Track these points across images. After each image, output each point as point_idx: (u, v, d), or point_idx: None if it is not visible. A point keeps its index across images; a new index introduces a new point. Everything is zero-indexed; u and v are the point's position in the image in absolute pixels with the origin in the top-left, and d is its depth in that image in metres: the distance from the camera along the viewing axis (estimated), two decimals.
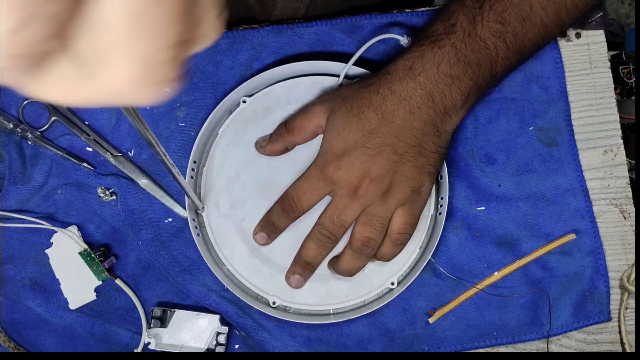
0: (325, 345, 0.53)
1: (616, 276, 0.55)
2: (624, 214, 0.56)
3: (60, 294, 0.53)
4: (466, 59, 0.48)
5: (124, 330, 0.53)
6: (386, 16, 0.57)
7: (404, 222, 0.49)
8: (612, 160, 0.56)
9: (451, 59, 0.47)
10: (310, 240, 0.50)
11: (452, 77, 0.47)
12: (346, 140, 0.48)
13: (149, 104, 0.19)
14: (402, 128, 0.47)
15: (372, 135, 0.47)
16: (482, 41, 0.48)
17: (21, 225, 0.53)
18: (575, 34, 0.58)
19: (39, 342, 0.52)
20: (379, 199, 0.48)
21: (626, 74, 0.59)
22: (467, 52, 0.48)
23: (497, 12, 0.48)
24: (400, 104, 0.47)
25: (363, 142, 0.48)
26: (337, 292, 0.52)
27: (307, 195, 0.49)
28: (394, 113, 0.47)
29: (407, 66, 0.48)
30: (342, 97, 0.50)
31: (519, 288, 0.54)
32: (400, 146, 0.48)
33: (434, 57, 0.47)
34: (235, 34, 0.56)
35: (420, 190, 0.49)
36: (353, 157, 0.48)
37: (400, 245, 0.50)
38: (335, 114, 0.49)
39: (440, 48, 0.48)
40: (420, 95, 0.47)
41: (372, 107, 0.48)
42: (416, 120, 0.48)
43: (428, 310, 0.53)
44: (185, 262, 0.53)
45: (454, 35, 0.48)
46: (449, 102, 0.48)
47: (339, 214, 0.48)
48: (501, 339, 0.53)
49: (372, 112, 0.48)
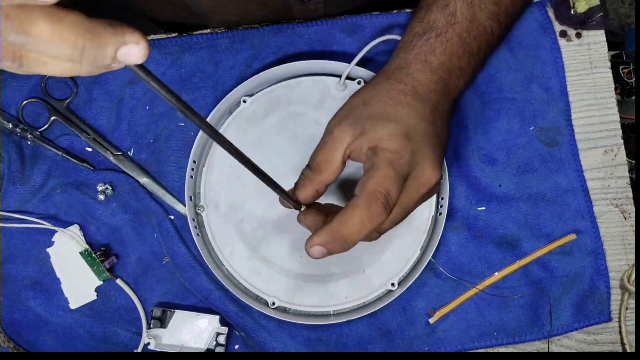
0: (326, 345, 0.53)
1: (616, 276, 0.55)
2: (624, 214, 0.56)
3: (60, 294, 0.53)
4: (470, 48, 0.48)
5: (123, 330, 0.53)
6: (386, 16, 0.57)
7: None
8: (613, 160, 0.56)
9: (459, 51, 0.47)
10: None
11: (460, 69, 0.48)
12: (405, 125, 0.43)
13: None
14: (440, 116, 0.46)
15: (424, 121, 0.44)
16: (482, 26, 0.48)
17: (22, 225, 0.53)
18: (575, 34, 0.58)
19: (38, 342, 0.52)
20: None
21: (626, 74, 0.59)
22: (471, 40, 0.48)
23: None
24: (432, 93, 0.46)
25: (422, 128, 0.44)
26: (337, 293, 0.52)
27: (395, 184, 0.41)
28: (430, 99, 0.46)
29: (420, 60, 0.47)
30: (361, 104, 0.46)
31: (520, 288, 0.54)
32: (441, 133, 0.46)
33: (445, 51, 0.47)
34: (235, 33, 0.56)
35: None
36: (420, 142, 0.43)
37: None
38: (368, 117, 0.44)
39: (448, 40, 0.47)
40: (441, 87, 0.47)
41: (407, 94, 0.45)
42: (443, 112, 0.47)
43: (428, 311, 0.53)
44: (185, 262, 0.53)
45: (457, 25, 0.47)
46: (457, 93, 0.48)
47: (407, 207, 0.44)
48: (501, 339, 0.53)
49: (410, 99, 0.45)
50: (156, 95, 0.55)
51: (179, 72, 0.55)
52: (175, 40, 0.56)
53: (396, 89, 0.45)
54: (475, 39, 0.48)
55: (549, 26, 0.57)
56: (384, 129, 0.43)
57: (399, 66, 0.47)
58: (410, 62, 0.47)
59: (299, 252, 0.52)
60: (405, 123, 0.43)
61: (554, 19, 0.58)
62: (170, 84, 0.55)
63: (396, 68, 0.47)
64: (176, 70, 0.55)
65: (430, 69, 0.46)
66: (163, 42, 0.56)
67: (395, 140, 0.42)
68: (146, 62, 0.57)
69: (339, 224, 0.40)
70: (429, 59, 0.47)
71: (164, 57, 0.56)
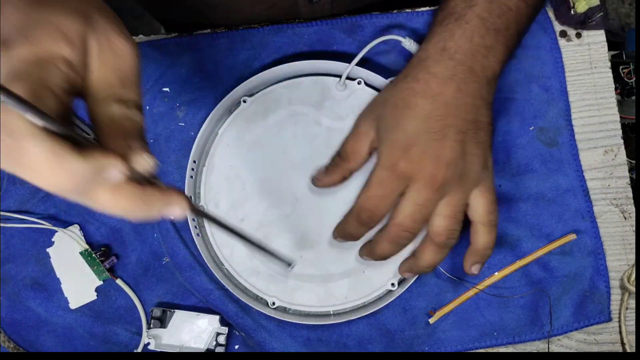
0: (326, 345, 0.53)
1: (616, 276, 0.55)
2: (624, 214, 0.56)
3: (60, 294, 0.53)
4: (495, 26, 0.47)
5: (123, 330, 0.53)
6: (386, 16, 0.57)
7: (490, 202, 0.46)
8: (613, 160, 0.56)
9: (481, 30, 0.46)
10: (387, 242, 0.47)
11: (486, 48, 0.47)
12: (406, 131, 0.45)
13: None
14: (457, 106, 0.45)
15: (430, 119, 0.45)
16: (505, 5, 0.47)
17: (22, 225, 0.53)
18: (575, 34, 0.58)
19: (38, 342, 0.52)
20: (457, 184, 0.45)
21: (626, 74, 0.59)
22: (494, 19, 0.47)
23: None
24: (446, 84, 0.46)
25: (425, 128, 0.45)
26: (337, 293, 0.52)
27: (385, 201, 0.46)
28: (443, 94, 0.45)
29: (439, 48, 0.47)
30: (382, 102, 0.48)
31: (520, 288, 0.54)
32: (461, 124, 0.45)
33: (464, 33, 0.46)
34: (235, 33, 0.56)
35: (487, 165, 0.47)
36: (422, 146, 0.45)
37: (495, 227, 0.47)
38: (383, 116, 0.47)
39: (468, 22, 0.47)
40: (462, 71, 0.46)
41: (418, 94, 0.46)
42: (467, 96, 0.46)
43: (428, 311, 0.53)
44: (185, 262, 0.53)
45: (476, 6, 0.47)
46: (490, 72, 0.47)
47: (421, 210, 0.45)
48: (501, 339, 0.53)
49: (420, 99, 0.46)
50: (156, 95, 0.55)
51: (179, 72, 0.55)
52: (175, 40, 0.56)
53: (409, 89, 0.46)
54: (499, 17, 0.47)
55: (549, 26, 0.57)
56: (386, 139, 0.46)
57: (419, 60, 0.48)
58: (429, 53, 0.47)
59: (299, 252, 0.52)
60: (406, 128, 0.45)
61: (553, 19, 0.58)
62: (171, 84, 0.55)
63: (417, 63, 0.48)
64: (176, 70, 0.55)
65: (449, 56, 0.46)
66: (163, 42, 0.56)
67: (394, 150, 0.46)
68: (146, 62, 0.57)
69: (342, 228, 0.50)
70: (447, 45, 0.47)
71: (164, 57, 0.56)
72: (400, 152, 0.45)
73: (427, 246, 0.47)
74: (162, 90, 0.55)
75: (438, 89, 0.46)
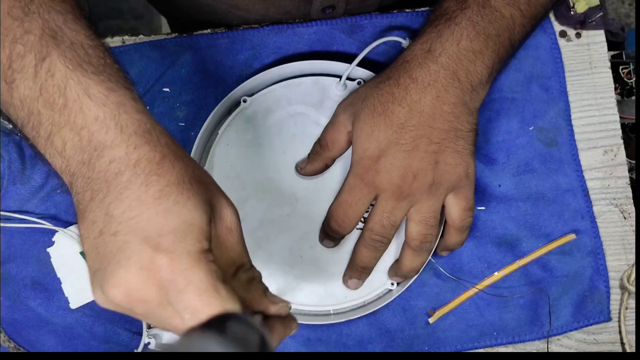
0: (325, 345, 0.53)
1: (616, 276, 0.55)
2: (624, 214, 0.56)
3: (61, 294, 0.53)
4: (485, 31, 0.46)
5: (124, 330, 0.53)
6: (386, 16, 0.57)
7: (462, 209, 0.48)
8: (612, 160, 0.56)
9: (470, 34, 0.46)
10: (363, 247, 0.49)
11: (474, 52, 0.46)
12: (378, 141, 0.46)
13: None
14: (433, 115, 0.46)
15: (404, 129, 0.46)
16: (498, 11, 0.47)
17: (22, 225, 0.53)
18: (575, 33, 0.58)
19: (39, 342, 0.52)
20: (427, 193, 0.46)
21: (626, 74, 0.59)
22: (485, 24, 0.46)
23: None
24: (425, 91, 0.46)
25: (396, 139, 0.46)
26: (336, 292, 0.52)
27: (353, 208, 0.48)
28: (421, 101, 0.46)
29: (425, 49, 0.47)
30: (362, 99, 0.49)
31: (519, 288, 0.54)
32: (435, 134, 0.46)
33: (453, 35, 0.46)
34: (235, 33, 0.56)
35: (467, 173, 0.47)
36: (390, 157, 0.46)
37: (466, 231, 0.49)
38: (360, 117, 0.48)
39: (457, 24, 0.46)
40: (444, 76, 0.46)
41: (397, 100, 0.46)
42: (446, 104, 0.46)
43: (428, 311, 0.53)
44: None
45: (468, 9, 0.46)
46: (475, 79, 0.46)
47: (388, 217, 0.47)
48: (501, 339, 0.53)
49: (397, 106, 0.46)
50: (156, 95, 0.55)
51: (179, 72, 0.55)
52: (175, 40, 0.56)
53: (388, 93, 0.47)
54: (491, 23, 0.46)
55: (548, 26, 0.57)
56: (359, 146, 0.48)
57: (404, 60, 0.48)
58: (415, 54, 0.47)
59: (299, 252, 0.52)
60: (379, 138, 0.47)
61: (553, 19, 0.58)
62: (171, 84, 0.55)
63: (401, 63, 0.48)
64: (176, 70, 0.56)
65: (433, 59, 0.46)
66: (163, 42, 0.56)
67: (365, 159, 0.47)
68: (146, 62, 0.57)
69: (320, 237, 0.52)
70: (433, 47, 0.46)
71: (164, 57, 0.56)
72: (370, 162, 0.47)
73: (405, 250, 0.49)
74: (162, 90, 0.55)
75: (416, 95, 0.46)
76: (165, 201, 0.31)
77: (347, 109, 0.50)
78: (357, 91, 0.51)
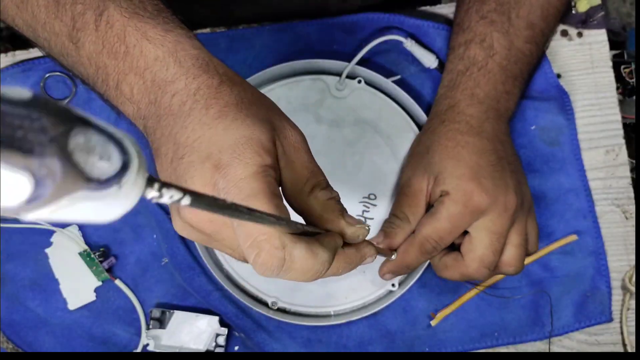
0: (326, 346, 0.53)
1: (618, 277, 0.55)
2: (625, 214, 0.56)
3: (59, 294, 0.52)
4: (513, 73, 0.50)
5: (123, 331, 0.53)
6: (386, 15, 0.57)
7: (537, 233, 0.49)
8: (614, 160, 0.56)
9: (502, 78, 0.49)
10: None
11: (507, 93, 0.50)
12: (470, 166, 0.46)
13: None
14: (500, 141, 0.48)
15: (486, 153, 0.47)
16: (520, 51, 0.50)
17: (21, 225, 0.52)
18: (577, 33, 0.57)
19: (37, 343, 0.52)
20: (522, 211, 0.47)
21: (628, 74, 0.59)
22: (512, 66, 0.50)
23: (524, 18, 0.50)
24: (484, 123, 0.48)
25: (486, 161, 0.46)
26: (337, 293, 0.51)
27: (450, 235, 0.46)
28: (486, 131, 0.48)
29: (467, 95, 0.49)
30: (425, 152, 0.49)
31: (520, 289, 0.54)
32: (508, 157, 0.48)
33: (489, 82, 0.49)
34: (235, 33, 0.56)
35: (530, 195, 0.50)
36: (490, 178, 0.46)
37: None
38: (436, 163, 0.47)
39: (490, 72, 0.49)
40: (493, 114, 0.49)
41: (465, 133, 0.48)
42: (501, 134, 0.49)
43: (430, 313, 0.53)
44: (185, 262, 0.53)
45: (497, 55, 0.49)
46: (510, 114, 0.51)
47: (499, 240, 0.45)
48: (502, 340, 0.53)
49: (469, 137, 0.47)
50: None
51: None
52: None
53: (453, 130, 0.48)
54: (516, 64, 0.50)
55: None
56: (452, 176, 0.46)
57: (449, 106, 0.50)
58: (459, 99, 0.49)
59: None
60: (468, 163, 0.46)
61: None
62: None
63: (447, 109, 0.50)
64: None
65: (479, 101, 0.49)
66: None
67: (464, 183, 0.45)
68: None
69: (402, 257, 0.48)
70: (475, 92, 0.49)
71: None
72: (472, 185, 0.45)
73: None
74: None
75: (479, 127, 0.48)
76: (224, 120, 0.32)
77: (417, 170, 0.48)
78: (411, 154, 0.51)
